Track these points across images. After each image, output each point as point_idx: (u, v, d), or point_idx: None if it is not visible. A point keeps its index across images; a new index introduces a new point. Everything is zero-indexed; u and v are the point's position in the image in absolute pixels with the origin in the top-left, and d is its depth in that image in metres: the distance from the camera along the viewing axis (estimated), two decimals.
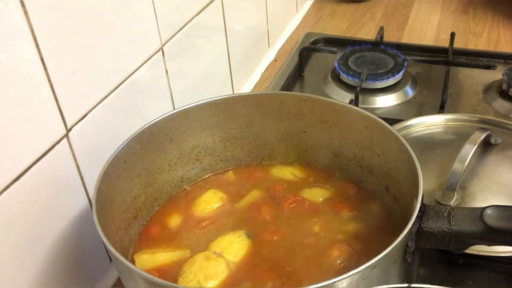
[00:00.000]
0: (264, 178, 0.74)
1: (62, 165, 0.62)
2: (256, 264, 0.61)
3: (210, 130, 0.73)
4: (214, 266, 0.59)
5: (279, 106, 0.73)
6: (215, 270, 0.59)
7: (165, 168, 0.71)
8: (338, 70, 1.02)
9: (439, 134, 0.85)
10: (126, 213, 0.65)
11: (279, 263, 0.61)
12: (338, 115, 0.70)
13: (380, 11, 1.36)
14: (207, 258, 0.60)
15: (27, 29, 0.53)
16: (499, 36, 1.23)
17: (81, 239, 0.66)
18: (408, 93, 1.02)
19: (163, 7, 0.75)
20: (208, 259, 0.60)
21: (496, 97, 0.99)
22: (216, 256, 0.60)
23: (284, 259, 0.62)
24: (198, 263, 0.60)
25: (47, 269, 0.61)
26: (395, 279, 0.57)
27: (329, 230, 0.65)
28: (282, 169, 0.76)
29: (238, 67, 1.03)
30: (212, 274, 0.58)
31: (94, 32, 0.63)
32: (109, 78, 0.67)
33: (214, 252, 0.61)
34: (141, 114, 0.74)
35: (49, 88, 0.57)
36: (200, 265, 0.59)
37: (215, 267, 0.59)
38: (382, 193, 0.69)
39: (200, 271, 0.59)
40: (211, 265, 0.59)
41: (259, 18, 1.12)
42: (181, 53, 0.82)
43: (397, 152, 0.63)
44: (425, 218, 0.56)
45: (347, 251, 0.62)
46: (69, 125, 0.61)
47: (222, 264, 0.60)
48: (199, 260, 0.60)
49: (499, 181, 0.75)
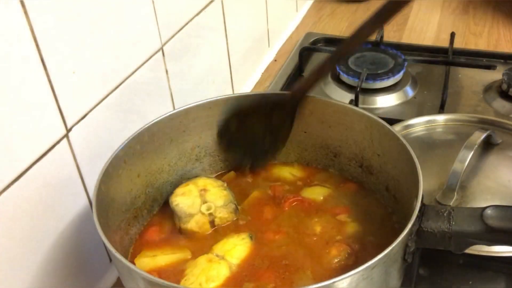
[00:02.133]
0: (265, 178, 0.74)
1: (62, 165, 0.62)
2: (258, 265, 0.61)
3: (210, 130, 0.73)
4: (216, 268, 0.59)
5: None
6: (217, 273, 0.59)
7: (165, 168, 0.71)
8: (338, 70, 1.02)
9: (439, 134, 0.85)
10: (126, 213, 0.65)
11: (281, 263, 0.61)
12: (338, 115, 0.70)
13: None
14: (209, 260, 0.60)
15: (27, 29, 0.53)
16: (499, 36, 1.23)
17: (81, 239, 0.66)
18: (408, 93, 1.02)
19: (163, 7, 0.75)
20: (210, 261, 0.60)
21: (496, 97, 0.99)
22: (219, 259, 0.61)
23: (286, 259, 0.62)
24: (200, 266, 0.60)
25: (47, 269, 0.61)
26: (395, 279, 0.57)
27: (329, 230, 0.65)
28: (282, 169, 0.76)
29: (238, 67, 1.03)
30: (214, 277, 0.58)
31: (94, 32, 0.63)
32: (109, 78, 0.67)
33: (217, 255, 0.61)
34: (141, 114, 0.74)
35: (49, 88, 0.57)
36: (202, 267, 0.60)
37: (217, 269, 0.59)
38: (382, 193, 0.69)
39: (202, 274, 0.59)
40: (213, 267, 0.59)
41: (259, 18, 1.12)
42: (181, 53, 0.82)
43: (397, 152, 0.63)
44: (425, 218, 0.56)
45: (347, 251, 0.62)
46: (69, 125, 0.61)
47: (224, 267, 0.60)
48: (201, 262, 0.60)
49: (499, 181, 0.75)
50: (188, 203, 0.66)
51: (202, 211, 0.66)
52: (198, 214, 0.66)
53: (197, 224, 0.65)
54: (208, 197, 0.67)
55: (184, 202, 0.66)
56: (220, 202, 0.67)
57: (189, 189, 0.68)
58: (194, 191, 0.68)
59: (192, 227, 0.65)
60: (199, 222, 0.65)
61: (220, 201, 0.67)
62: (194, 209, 0.66)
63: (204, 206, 0.66)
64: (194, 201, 0.67)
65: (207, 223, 0.66)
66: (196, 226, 0.65)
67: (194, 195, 0.67)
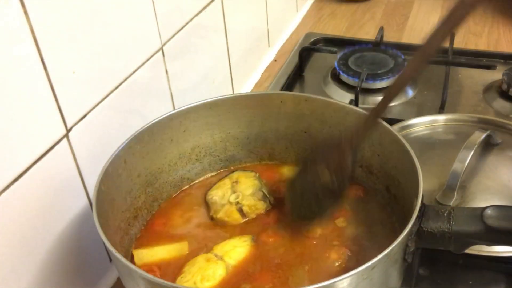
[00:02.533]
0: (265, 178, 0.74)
1: (62, 165, 0.62)
2: (255, 266, 0.61)
3: (210, 130, 0.73)
4: (212, 268, 0.60)
5: (279, 106, 0.73)
6: (213, 273, 0.59)
7: (165, 168, 0.71)
8: (338, 70, 1.02)
9: (439, 134, 0.85)
10: (126, 213, 0.65)
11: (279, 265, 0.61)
12: (338, 115, 0.70)
13: (380, 11, 1.36)
14: (207, 260, 0.61)
15: (27, 29, 0.53)
16: (499, 36, 1.23)
17: (81, 239, 0.66)
18: (408, 93, 1.02)
19: (163, 7, 0.75)
20: (208, 261, 0.60)
21: (496, 97, 0.99)
22: (217, 259, 0.61)
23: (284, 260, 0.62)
24: (198, 264, 0.60)
25: (47, 269, 0.61)
26: (395, 279, 0.57)
27: (329, 232, 0.65)
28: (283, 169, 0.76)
29: (238, 67, 1.03)
30: (209, 276, 0.59)
31: (94, 32, 0.63)
32: (109, 78, 0.67)
33: (216, 255, 0.61)
34: (141, 114, 0.74)
35: (49, 88, 0.57)
36: (199, 266, 0.60)
37: (213, 269, 0.59)
38: (382, 193, 0.69)
39: (198, 272, 0.59)
40: (210, 267, 0.60)
41: (259, 18, 1.12)
42: (181, 53, 0.82)
43: (397, 152, 0.63)
44: (425, 218, 0.56)
45: (347, 251, 0.62)
46: (69, 125, 0.61)
47: (221, 267, 0.60)
48: (199, 261, 0.61)
49: (499, 181, 0.75)
50: (220, 195, 0.69)
51: (230, 200, 0.68)
52: (227, 204, 0.68)
53: (225, 213, 0.67)
54: (238, 188, 0.70)
55: (218, 195, 0.69)
56: (249, 191, 0.69)
57: (224, 182, 0.71)
58: (228, 184, 0.71)
59: (221, 216, 0.67)
60: (227, 211, 0.68)
61: (249, 190, 0.69)
62: (224, 199, 0.69)
63: (233, 195, 0.69)
64: (225, 193, 0.69)
65: (236, 212, 0.67)
66: (225, 215, 0.67)
67: (227, 187, 0.70)
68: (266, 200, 0.69)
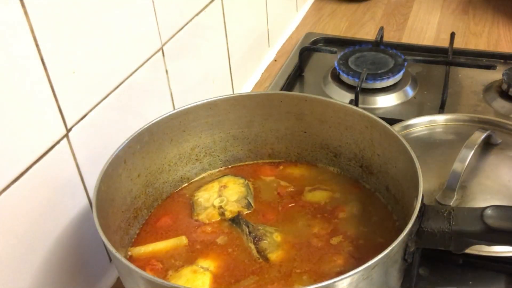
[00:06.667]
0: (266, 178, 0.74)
1: (62, 165, 0.62)
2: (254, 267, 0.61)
3: (210, 130, 0.73)
4: (200, 279, 0.60)
5: (279, 106, 0.73)
6: (202, 283, 0.59)
7: (165, 168, 0.71)
8: (338, 70, 1.02)
9: (439, 134, 0.85)
10: (126, 213, 0.65)
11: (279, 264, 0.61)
12: (338, 115, 0.70)
13: (380, 11, 1.36)
14: (194, 272, 0.61)
15: (27, 29, 0.53)
16: (499, 36, 1.23)
17: (81, 239, 0.66)
18: (408, 93, 1.02)
19: (163, 7, 0.75)
20: (195, 272, 0.61)
21: (496, 97, 0.99)
22: (203, 270, 0.61)
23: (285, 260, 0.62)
24: (185, 277, 0.60)
25: (47, 269, 0.61)
26: (395, 279, 0.57)
27: (329, 231, 0.65)
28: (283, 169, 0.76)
29: (238, 67, 1.03)
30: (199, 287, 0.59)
31: (94, 32, 0.63)
32: (109, 78, 0.67)
33: (202, 267, 0.61)
34: (141, 114, 0.74)
35: (49, 88, 0.57)
36: (186, 278, 0.60)
37: (202, 280, 0.60)
38: (382, 193, 0.69)
39: (187, 284, 0.59)
40: (197, 278, 0.60)
41: (259, 18, 1.12)
42: (181, 53, 0.82)
43: (397, 152, 0.63)
44: (425, 218, 0.56)
45: (347, 252, 0.62)
46: (69, 125, 0.61)
47: (208, 278, 0.60)
48: (185, 274, 0.61)
49: (499, 181, 0.75)
50: (206, 197, 0.70)
51: (214, 204, 0.69)
52: (210, 207, 0.69)
53: (206, 216, 0.68)
54: (225, 193, 0.70)
55: (204, 197, 0.70)
56: (234, 197, 0.69)
57: (212, 185, 0.72)
58: (216, 187, 0.71)
59: (202, 218, 0.68)
60: (209, 214, 0.68)
61: (234, 196, 0.69)
62: (209, 202, 0.69)
63: (218, 199, 0.69)
64: (211, 196, 0.70)
65: (217, 216, 0.68)
66: (206, 218, 0.68)
67: (214, 190, 0.71)
68: (250, 209, 0.69)
